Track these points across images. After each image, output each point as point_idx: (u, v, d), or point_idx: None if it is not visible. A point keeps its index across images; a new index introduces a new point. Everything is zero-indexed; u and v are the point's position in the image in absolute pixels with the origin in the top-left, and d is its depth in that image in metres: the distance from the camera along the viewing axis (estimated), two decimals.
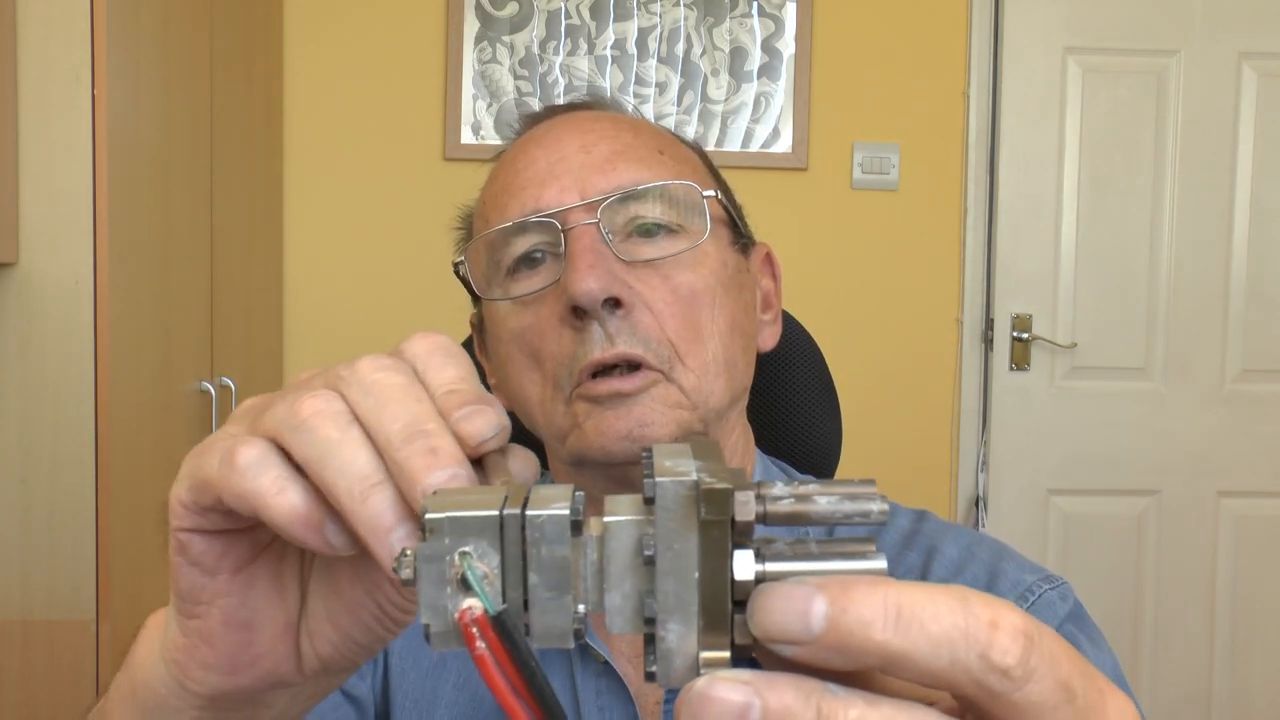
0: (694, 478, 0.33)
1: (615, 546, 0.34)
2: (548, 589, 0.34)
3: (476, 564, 0.34)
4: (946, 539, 0.91)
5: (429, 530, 0.34)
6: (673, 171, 0.88)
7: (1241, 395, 3.12)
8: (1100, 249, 3.09)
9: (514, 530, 0.34)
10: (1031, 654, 0.32)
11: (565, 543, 0.34)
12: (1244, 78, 3.07)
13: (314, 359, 2.96)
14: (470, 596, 0.34)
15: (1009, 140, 3.07)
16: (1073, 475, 3.13)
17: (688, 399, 0.84)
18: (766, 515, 0.34)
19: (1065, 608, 0.85)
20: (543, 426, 0.88)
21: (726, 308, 0.87)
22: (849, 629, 0.32)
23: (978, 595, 0.33)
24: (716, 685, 0.32)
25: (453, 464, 0.41)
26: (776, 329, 0.99)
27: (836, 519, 0.34)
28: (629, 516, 0.34)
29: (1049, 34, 3.06)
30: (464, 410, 0.44)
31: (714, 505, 0.32)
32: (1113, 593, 3.11)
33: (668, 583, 0.33)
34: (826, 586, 0.32)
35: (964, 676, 0.32)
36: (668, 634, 0.33)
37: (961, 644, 0.32)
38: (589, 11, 2.97)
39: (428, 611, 0.34)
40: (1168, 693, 3.13)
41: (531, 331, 0.85)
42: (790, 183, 3.02)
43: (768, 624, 0.32)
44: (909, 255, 3.07)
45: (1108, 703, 0.34)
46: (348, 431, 0.44)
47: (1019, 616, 0.33)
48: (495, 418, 0.44)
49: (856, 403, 1.59)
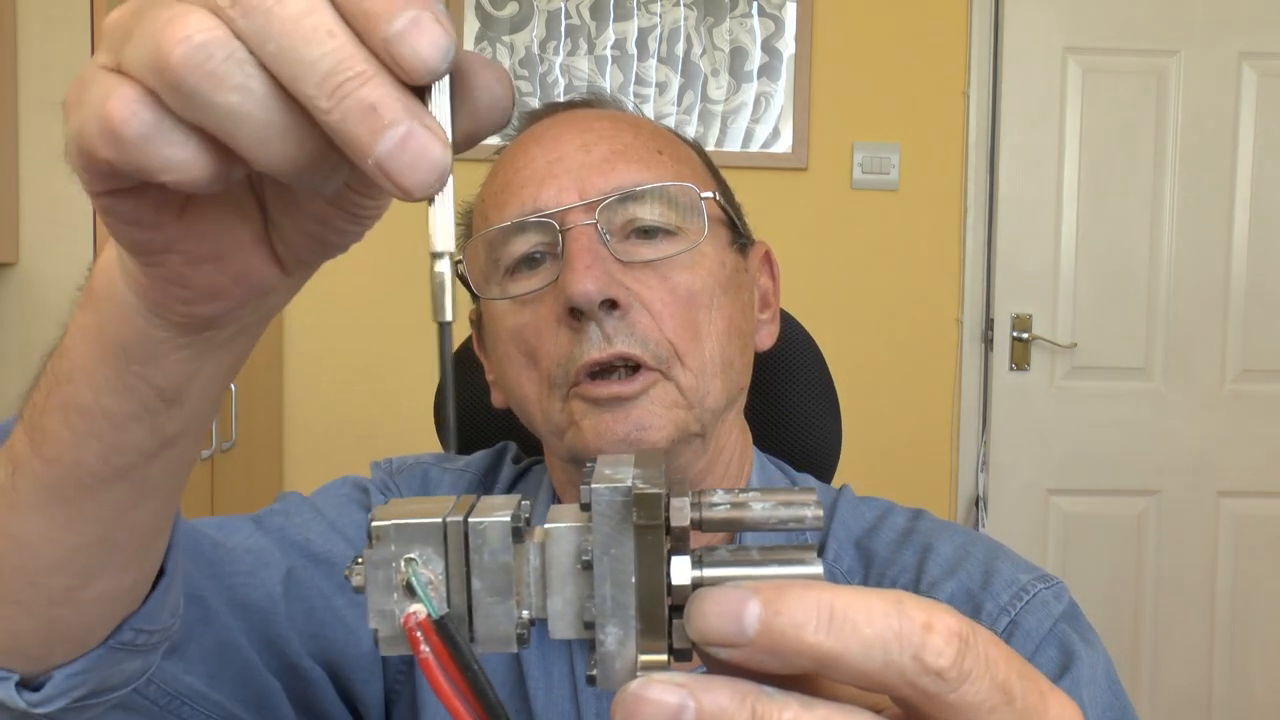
0: (628, 484, 0.33)
1: (555, 552, 0.35)
2: (490, 594, 0.35)
3: (421, 570, 0.35)
4: (942, 538, 0.91)
5: (375, 538, 0.35)
6: (672, 172, 0.89)
7: (1241, 395, 3.12)
8: (1100, 249, 3.09)
9: (457, 537, 0.35)
10: (966, 656, 0.33)
11: (507, 549, 0.35)
12: (1244, 78, 3.07)
13: (314, 358, 2.97)
14: (415, 602, 0.34)
15: (1009, 140, 3.07)
16: (1073, 475, 3.13)
17: (685, 398, 0.85)
18: (702, 521, 0.35)
19: (1060, 607, 0.85)
20: (540, 424, 0.88)
21: (724, 308, 0.88)
22: (782, 631, 0.32)
23: (913, 598, 0.34)
24: (651, 687, 0.32)
25: (403, 119, 0.34)
26: (774, 328, 0.99)
27: (771, 524, 0.35)
28: (568, 524, 0.35)
29: (1049, 34, 3.06)
30: (399, 21, 0.35)
31: (646, 510, 0.33)
32: (1113, 592, 3.11)
33: (605, 587, 0.34)
34: (761, 590, 0.33)
35: (898, 678, 0.33)
36: (606, 638, 0.34)
37: (895, 645, 0.32)
38: (589, 11, 2.98)
39: (376, 617, 0.35)
40: (1168, 693, 3.13)
41: (528, 330, 0.86)
42: (790, 183, 3.02)
43: (703, 627, 0.33)
44: (909, 255, 3.07)
45: (1049, 705, 0.35)
46: (247, 85, 0.36)
47: (953, 619, 0.33)
48: (441, 33, 0.35)
49: (856, 403, 1.59)
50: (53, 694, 0.63)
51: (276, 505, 0.94)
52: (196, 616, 0.77)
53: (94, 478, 0.54)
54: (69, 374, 0.52)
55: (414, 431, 1.79)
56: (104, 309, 0.50)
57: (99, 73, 0.38)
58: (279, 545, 0.88)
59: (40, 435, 0.54)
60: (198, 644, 0.77)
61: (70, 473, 0.54)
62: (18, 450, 0.56)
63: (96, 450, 0.53)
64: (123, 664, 0.66)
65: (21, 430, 0.56)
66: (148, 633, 0.66)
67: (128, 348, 0.50)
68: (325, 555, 0.89)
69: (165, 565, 0.66)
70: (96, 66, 0.39)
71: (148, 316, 0.48)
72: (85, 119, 0.38)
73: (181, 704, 0.77)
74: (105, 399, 0.51)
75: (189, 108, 0.36)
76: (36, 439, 0.55)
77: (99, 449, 0.53)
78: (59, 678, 0.63)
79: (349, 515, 0.94)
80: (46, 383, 0.54)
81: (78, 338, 0.52)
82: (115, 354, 0.50)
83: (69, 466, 0.54)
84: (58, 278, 1.90)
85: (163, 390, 0.51)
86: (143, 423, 0.52)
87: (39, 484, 0.55)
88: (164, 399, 0.52)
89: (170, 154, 0.37)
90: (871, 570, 0.91)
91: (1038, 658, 0.82)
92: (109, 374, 0.51)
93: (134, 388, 0.51)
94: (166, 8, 0.36)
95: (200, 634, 0.77)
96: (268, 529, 0.89)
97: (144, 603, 0.65)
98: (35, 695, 0.63)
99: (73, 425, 0.53)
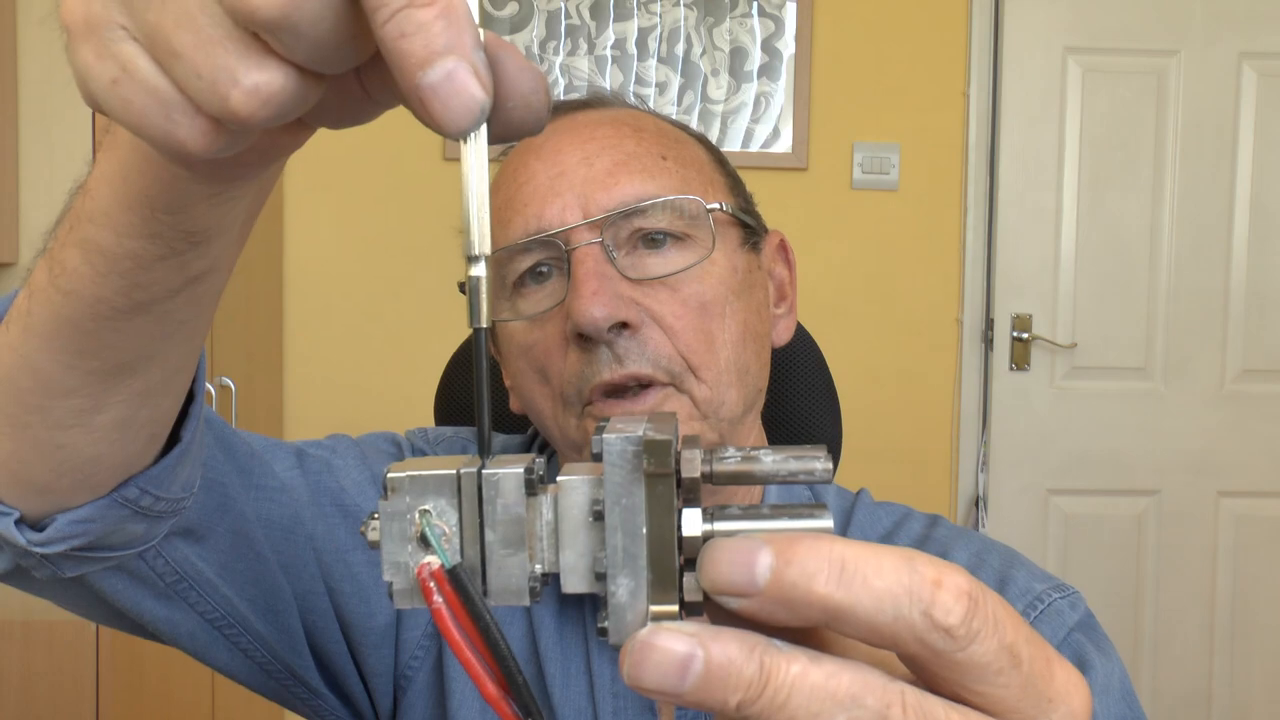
0: (639, 434, 0.34)
1: (568, 505, 0.35)
2: (504, 546, 0.35)
3: (435, 521, 0.35)
4: (958, 545, 0.91)
5: (390, 489, 0.35)
6: (677, 179, 0.87)
7: (1241, 395, 3.12)
8: (1100, 249, 3.09)
9: (471, 488, 0.35)
10: (975, 615, 0.33)
11: (520, 501, 0.35)
12: (1244, 78, 3.07)
13: (314, 359, 2.97)
14: (429, 553, 0.34)
15: (1009, 140, 3.07)
16: (1073, 475, 3.13)
17: (699, 410, 0.84)
18: (713, 474, 0.35)
19: (1075, 616, 0.85)
20: (556, 438, 0.89)
21: (738, 314, 0.87)
22: (793, 581, 0.32)
23: (924, 556, 0.34)
24: (660, 634, 0.32)
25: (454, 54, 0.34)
26: (791, 321, 0.98)
27: (781, 477, 0.35)
28: (582, 476, 0.35)
29: (1049, 34, 3.07)
30: (433, 73, 0.34)
31: (656, 457, 0.33)
32: (1113, 592, 3.11)
33: (616, 537, 0.34)
34: (773, 540, 0.33)
35: (907, 633, 0.33)
36: (618, 589, 0.34)
37: (905, 600, 0.32)
38: (589, 11, 2.98)
39: (390, 569, 0.35)
40: (1168, 693, 3.13)
41: (538, 349, 0.86)
42: (790, 183, 3.02)
43: (715, 575, 0.33)
44: (909, 255, 3.08)
45: (1055, 671, 0.35)
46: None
47: (963, 578, 0.33)
48: (476, 90, 0.34)
49: (856, 403, 1.59)
50: (54, 536, 0.64)
51: (325, 442, 0.94)
52: (215, 503, 0.77)
53: (115, 311, 0.54)
54: (91, 213, 0.51)
55: None
56: (126, 156, 0.49)
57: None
58: (312, 488, 0.88)
59: (59, 268, 0.54)
60: (214, 533, 0.78)
61: (89, 307, 0.54)
62: (36, 279, 0.56)
63: (118, 287, 0.53)
64: (126, 524, 0.66)
65: (43, 261, 0.56)
66: (154, 496, 0.66)
67: (152, 196, 0.49)
68: (355, 509, 0.89)
69: (181, 435, 0.66)
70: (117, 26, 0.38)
71: (174, 170, 0.47)
72: (221, 96, 0.36)
73: (189, 587, 0.77)
74: (129, 242, 0.51)
75: (291, 48, 0.36)
76: (55, 271, 0.54)
77: (121, 285, 0.53)
78: (61, 522, 0.64)
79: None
80: (69, 217, 0.54)
81: (100, 179, 0.51)
82: (140, 200, 0.49)
83: (88, 301, 0.54)
84: None
85: (190, 234, 0.51)
86: (168, 262, 0.52)
87: (54, 313, 0.55)
88: (191, 241, 0.51)
89: (294, 99, 0.37)
90: None
91: None
92: (133, 219, 0.50)
93: (159, 233, 0.50)
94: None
95: (217, 522, 0.78)
96: (307, 468, 0.89)
97: (155, 464, 0.65)
98: (37, 535, 0.64)
99: (93, 263, 0.52)
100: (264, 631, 0.84)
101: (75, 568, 0.68)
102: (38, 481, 0.62)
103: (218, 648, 0.83)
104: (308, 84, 0.37)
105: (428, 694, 0.91)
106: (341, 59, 0.37)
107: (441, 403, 1.28)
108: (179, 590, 0.77)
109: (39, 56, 1.90)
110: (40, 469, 0.62)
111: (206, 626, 0.81)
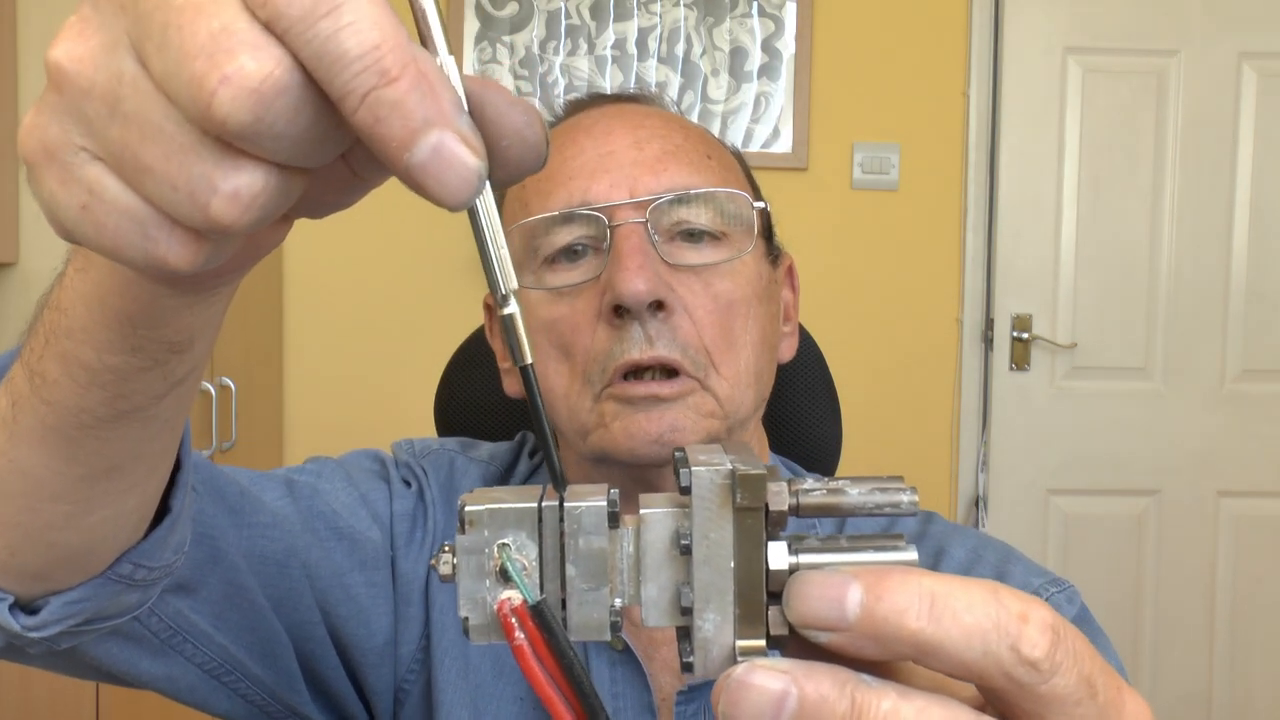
0: (729, 466, 0.33)
1: (651, 538, 0.35)
2: (585, 581, 0.34)
3: (515, 556, 0.34)
4: (954, 541, 0.92)
5: (469, 523, 0.34)
6: (720, 178, 0.88)
7: (1241, 395, 3.12)
8: (1100, 249, 3.09)
9: (552, 522, 0.34)
10: (1058, 648, 0.33)
11: (603, 534, 0.34)
12: (1244, 78, 3.07)
13: (314, 359, 2.96)
14: (509, 588, 0.34)
15: (1009, 140, 3.07)
16: (1073, 475, 3.13)
17: (721, 408, 0.84)
18: (799, 507, 0.35)
19: (1071, 611, 0.86)
20: (565, 419, 0.87)
21: (759, 318, 0.88)
22: (884, 616, 0.32)
23: (1008, 589, 0.34)
24: (755, 673, 0.32)
25: (435, 126, 0.32)
26: (794, 341, 0.99)
27: (867, 509, 0.35)
28: (665, 509, 0.35)
29: (1049, 34, 3.07)
30: (419, 151, 0.33)
31: (749, 491, 0.33)
32: (1113, 593, 3.12)
33: (704, 572, 0.33)
34: (862, 575, 0.33)
35: (994, 668, 0.33)
36: (704, 624, 0.33)
37: (994, 635, 0.33)
38: (589, 11, 2.97)
39: (467, 604, 0.34)
40: (1168, 693, 3.13)
41: (565, 324, 0.85)
42: (790, 183, 3.02)
43: (804, 610, 0.33)
44: (909, 255, 3.07)
45: (1125, 700, 0.35)
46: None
47: (1047, 611, 0.34)
48: (468, 159, 0.33)
49: (856, 403, 1.59)
50: (48, 619, 0.63)
51: (308, 467, 0.94)
52: (205, 555, 0.76)
53: (99, 420, 0.53)
54: (68, 330, 0.50)
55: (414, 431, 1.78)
56: (104, 280, 0.47)
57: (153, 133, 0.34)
58: (305, 515, 0.87)
59: (39, 379, 0.52)
60: (206, 586, 0.77)
61: (74, 416, 0.53)
62: (18, 386, 0.55)
63: (101, 398, 0.52)
64: (120, 596, 0.65)
65: (20, 368, 0.54)
66: (147, 568, 0.65)
67: (132, 315, 0.47)
68: (349, 531, 0.89)
69: (171, 504, 0.65)
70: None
71: (154, 287, 0.46)
72: (200, 206, 0.34)
73: (184, 640, 0.77)
74: (109, 358, 0.50)
75: (271, 151, 0.34)
76: (36, 382, 0.53)
77: (104, 397, 0.52)
78: (55, 604, 0.63)
79: (375, 489, 0.93)
80: (44, 330, 0.52)
81: (74, 299, 0.49)
82: (119, 321, 0.48)
83: (72, 411, 0.52)
84: None
85: (173, 344, 0.50)
86: (152, 373, 0.51)
87: (40, 422, 0.54)
88: (174, 350, 0.50)
89: (277, 198, 0.35)
90: None
91: None
92: (112, 336, 0.49)
93: (140, 347, 0.49)
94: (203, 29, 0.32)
95: (209, 574, 0.77)
96: (297, 495, 0.88)
97: (145, 538, 0.64)
98: (31, 619, 0.63)
99: (74, 376, 0.51)
100: (262, 675, 0.84)
101: (69, 640, 0.67)
102: (31, 570, 0.61)
103: (218, 696, 0.83)
104: (290, 179, 0.35)
105: (423, 705, 0.91)
106: (323, 152, 0.35)
107: (441, 402, 1.27)
108: (174, 644, 0.77)
109: (39, 56, 1.89)
110: (33, 562, 0.61)
111: (205, 677, 0.80)
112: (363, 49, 0.31)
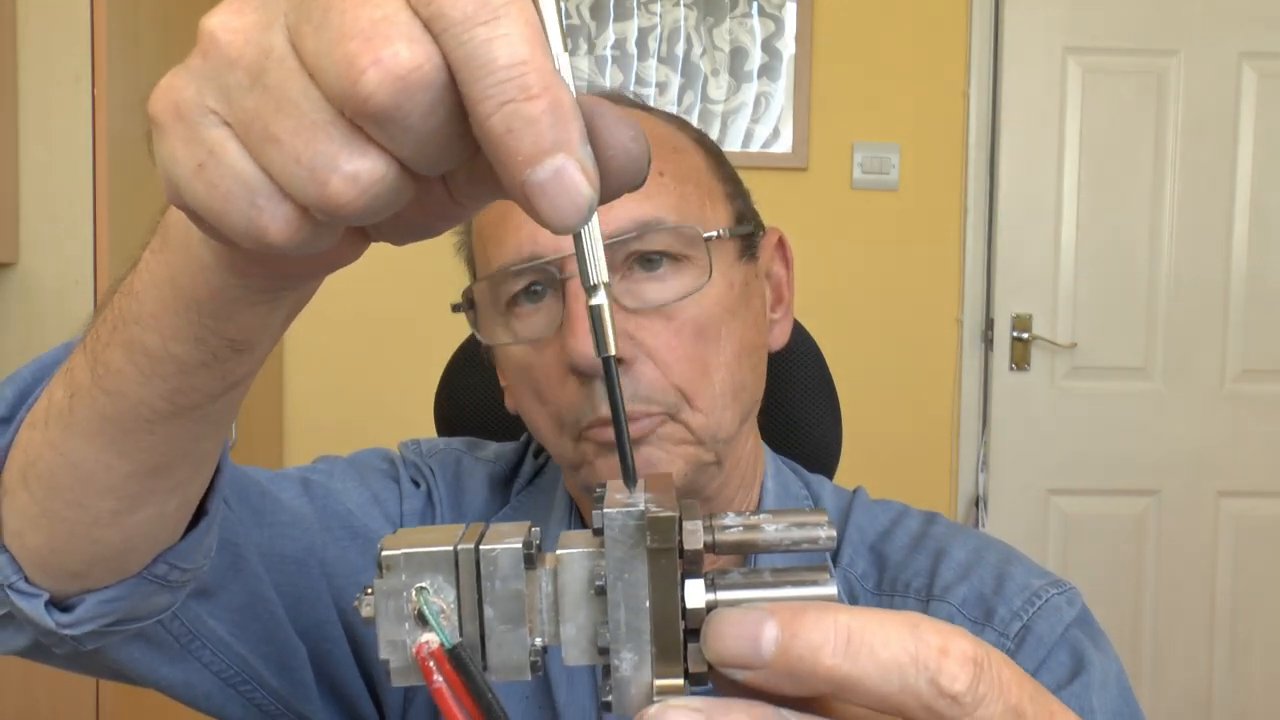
0: (640, 508, 0.33)
1: (568, 579, 0.35)
2: (503, 622, 0.35)
3: (433, 599, 0.34)
4: (955, 542, 0.91)
5: (386, 567, 0.35)
6: (675, 196, 0.85)
7: (1241, 395, 3.12)
8: (1100, 249, 3.09)
9: (468, 565, 0.35)
10: (980, 680, 0.33)
11: (519, 576, 0.35)
12: (1244, 78, 3.06)
13: (314, 359, 2.96)
14: (427, 631, 0.34)
15: (1009, 140, 3.07)
16: (1073, 475, 3.13)
17: (694, 435, 0.84)
18: (715, 544, 0.35)
19: (1072, 613, 0.85)
20: (554, 454, 0.89)
21: (734, 333, 0.86)
22: (799, 654, 0.33)
23: (929, 622, 0.34)
24: (669, 713, 0.32)
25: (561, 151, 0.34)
26: (787, 324, 0.97)
27: (784, 546, 0.35)
28: (580, 549, 0.35)
29: (1049, 34, 3.06)
30: (541, 171, 0.34)
31: (660, 533, 0.33)
32: (1113, 593, 3.11)
33: (619, 612, 0.34)
34: (778, 612, 0.33)
35: (914, 702, 0.33)
36: (621, 663, 0.34)
37: (911, 669, 0.33)
38: (589, 11, 2.97)
39: (386, 647, 0.35)
40: (1168, 693, 3.13)
41: (536, 372, 0.85)
42: (790, 183, 3.02)
43: (720, 649, 0.33)
44: (909, 255, 3.07)
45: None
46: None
47: (969, 643, 0.33)
48: (584, 187, 0.34)
49: (856, 403, 1.59)
50: (83, 617, 0.64)
51: (320, 466, 0.95)
52: (227, 563, 0.78)
53: (156, 414, 0.54)
54: (137, 315, 0.51)
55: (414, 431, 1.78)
56: (177, 262, 0.49)
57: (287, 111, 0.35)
58: (321, 514, 0.88)
59: (103, 369, 0.54)
60: (227, 592, 0.78)
61: (133, 408, 0.54)
62: (78, 377, 0.56)
63: (161, 391, 0.53)
64: (152, 597, 0.67)
65: (83, 357, 0.56)
66: (180, 569, 0.66)
67: (201, 302, 0.49)
68: (364, 530, 0.90)
69: (208, 506, 0.67)
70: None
71: (225, 276, 0.47)
72: (320, 182, 0.35)
73: (202, 646, 0.78)
74: (174, 346, 0.51)
75: (398, 141, 0.35)
76: (99, 371, 0.54)
77: (164, 390, 0.53)
78: (91, 602, 0.64)
79: (386, 488, 0.95)
80: (112, 317, 0.54)
81: (148, 282, 0.51)
82: (188, 306, 0.49)
83: (132, 403, 0.54)
84: (58, 278, 1.90)
85: (235, 341, 0.51)
86: (212, 369, 0.52)
87: (98, 413, 0.55)
88: (234, 349, 0.51)
89: (391, 192, 0.36)
90: (885, 574, 0.91)
91: (1049, 662, 0.82)
92: (179, 324, 0.50)
93: (205, 339, 0.50)
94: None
95: (230, 581, 0.78)
96: (313, 494, 0.90)
97: (182, 539, 0.65)
98: (65, 617, 0.64)
99: (138, 364, 0.52)
100: (277, 685, 0.84)
101: (96, 640, 0.68)
102: (70, 569, 0.63)
103: (233, 704, 0.83)
104: (404, 180, 0.36)
105: (430, 704, 0.92)
106: (442, 158, 0.36)
107: (441, 403, 1.28)
108: (193, 649, 0.77)
109: (39, 56, 1.89)
110: (74, 559, 0.62)
111: (221, 685, 0.81)
112: (511, 60, 0.33)
